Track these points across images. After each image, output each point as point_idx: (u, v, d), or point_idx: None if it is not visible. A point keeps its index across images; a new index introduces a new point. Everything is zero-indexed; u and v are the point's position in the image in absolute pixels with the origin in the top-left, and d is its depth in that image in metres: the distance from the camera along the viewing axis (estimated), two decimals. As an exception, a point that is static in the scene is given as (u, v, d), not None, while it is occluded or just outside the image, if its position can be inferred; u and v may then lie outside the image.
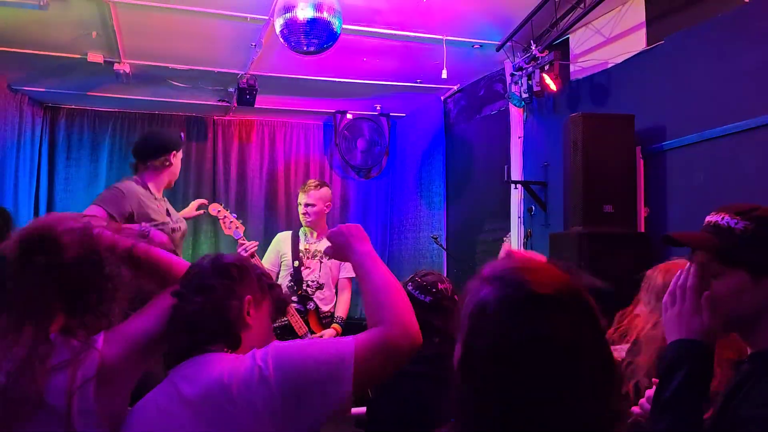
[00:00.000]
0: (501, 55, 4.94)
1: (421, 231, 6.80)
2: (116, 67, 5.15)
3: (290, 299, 3.78)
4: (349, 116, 7.16)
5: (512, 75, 4.76)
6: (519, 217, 5.14)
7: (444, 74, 4.77)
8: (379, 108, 7.11)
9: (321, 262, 3.94)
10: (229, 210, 3.71)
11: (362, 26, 4.47)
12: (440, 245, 6.06)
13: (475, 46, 4.89)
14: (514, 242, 5.18)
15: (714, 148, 3.37)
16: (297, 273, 3.91)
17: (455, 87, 6.12)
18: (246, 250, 3.57)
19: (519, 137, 5.21)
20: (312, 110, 7.07)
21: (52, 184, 6.73)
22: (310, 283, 3.91)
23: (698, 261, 1.28)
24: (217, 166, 7.23)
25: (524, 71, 4.53)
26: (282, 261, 4.03)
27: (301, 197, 3.98)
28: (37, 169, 6.56)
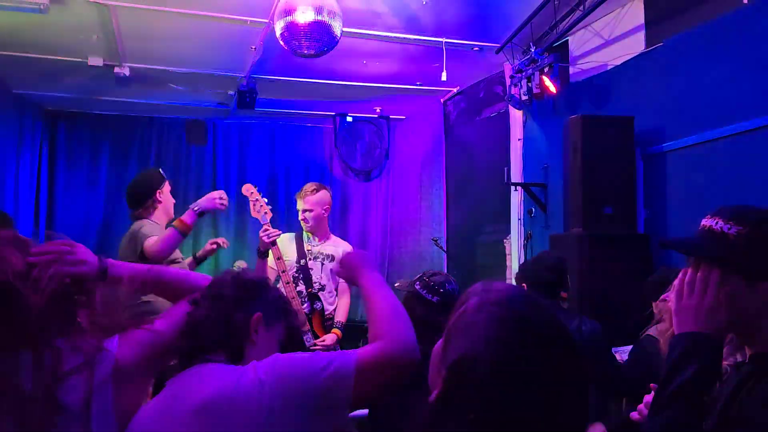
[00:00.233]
0: (500, 58, 4.95)
1: (421, 233, 6.80)
2: (116, 70, 5.16)
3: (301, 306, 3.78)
4: (349, 119, 7.17)
5: (512, 77, 4.77)
6: (519, 219, 5.15)
7: (444, 77, 4.78)
8: (379, 110, 7.12)
9: (322, 264, 3.94)
10: (261, 193, 3.70)
11: (362, 29, 4.48)
12: (440, 247, 6.06)
13: (474, 49, 4.90)
14: (514, 244, 5.19)
15: (713, 149, 3.38)
16: (305, 271, 3.90)
17: (455, 89, 6.13)
18: (269, 236, 3.58)
19: (519, 139, 5.22)
20: (312, 113, 7.08)
21: (53, 188, 6.74)
22: (312, 283, 3.91)
23: (696, 264, 1.27)
24: (217, 169, 7.24)
25: (524, 73, 4.54)
26: (285, 261, 4.02)
27: (299, 203, 3.98)
28: (38, 173, 6.57)
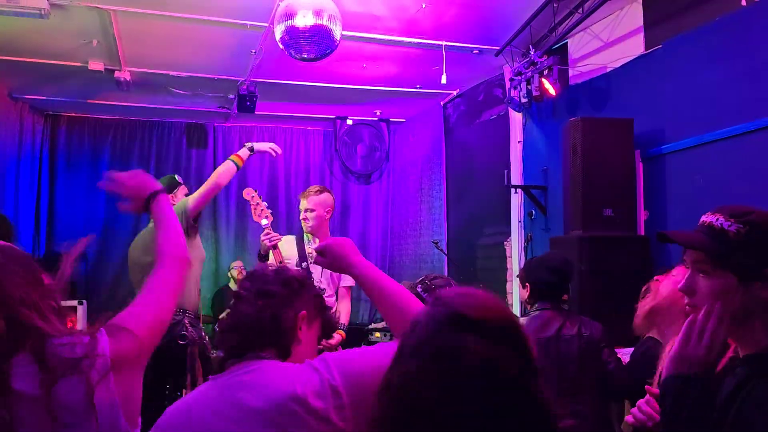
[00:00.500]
0: (500, 60, 4.97)
1: (422, 236, 6.81)
2: (117, 74, 5.18)
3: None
4: (349, 122, 7.19)
5: (511, 80, 4.78)
6: (519, 222, 5.16)
7: (443, 79, 4.79)
8: (379, 113, 7.13)
9: (322, 268, 3.95)
10: (262, 197, 3.72)
11: (362, 32, 4.49)
12: (441, 250, 6.06)
13: (474, 52, 4.91)
14: (514, 246, 5.19)
15: (713, 151, 3.39)
16: (308, 274, 3.91)
17: (455, 92, 6.14)
18: (270, 240, 3.59)
19: (519, 142, 5.23)
20: (312, 116, 7.09)
21: (53, 192, 6.76)
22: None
23: (691, 259, 1.29)
24: (218, 173, 7.24)
25: (523, 76, 4.55)
26: (284, 261, 4.02)
27: (302, 203, 3.98)
28: (38, 177, 6.59)
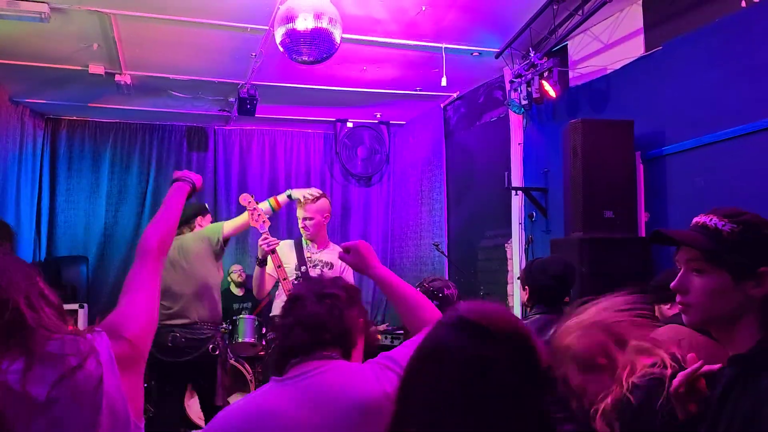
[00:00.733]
0: (500, 63, 4.97)
1: (422, 238, 6.80)
2: (117, 78, 5.18)
3: None
4: (350, 124, 7.19)
5: (511, 82, 4.78)
6: (520, 224, 5.15)
7: (443, 82, 4.79)
8: (379, 116, 7.13)
9: (321, 272, 3.94)
10: (258, 202, 3.73)
11: (362, 35, 4.50)
12: (441, 252, 6.05)
13: (474, 54, 4.91)
14: (515, 248, 5.19)
15: (713, 152, 3.39)
16: (307, 277, 3.90)
17: (455, 94, 6.14)
18: (268, 245, 3.59)
19: (519, 144, 5.23)
20: (312, 119, 7.10)
21: (54, 195, 6.76)
22: None
23: (685, 258, 1.30)
24: (218, 176, 7.25)
25: (523, 78, 4.55)
26: (282, 266, 4.00)
27: (299, 212, 3.98)
28: (39, 181, 6.60)
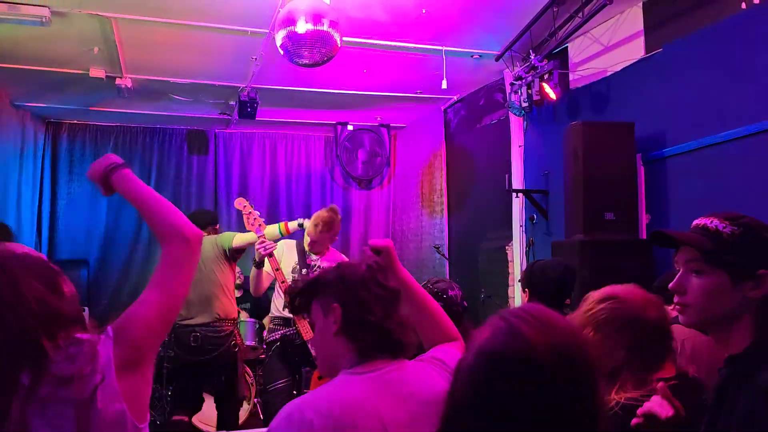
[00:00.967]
0: (500, 65, 4.97)
1: (423, 240, 6.80)
2: (118, 82, 5.19)
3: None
4: (350, 127, 7.19)
5: (512, 84, 4.78)
6: (521, 226, 5.15)
7: (444, 84, 4.79)
8: (379, 119, 7.14)
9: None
10: (254, 206, 3.72)
11: (362, 38, 4.50)
12: (442, 255, 6.06)
13: (474, 57, 4.92)
14: (516, 251, 5.19)
15: (714, 154, 3.39)
16: None
17: (455, 97, 6.15)
18: (265, 249, 3.58)
19: (519, 146, 5.23)
20: (313, 122, 7.10)
21: (55, 199, 6.77)
22: None
23: (684, 258, 1.31)
24: (219, 179, 7.26)
25: (524, 80, 4.55)
26: (278, 269, 3.95)
27: (310, 237, 3.83)
28: (40, 184, 6.60)
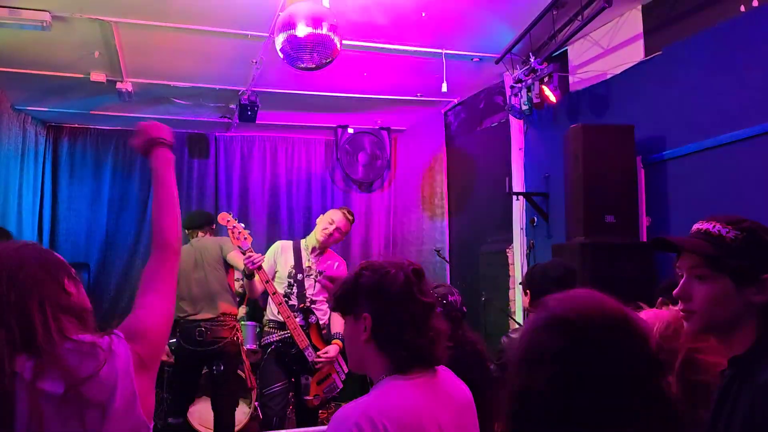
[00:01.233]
0: (500, 68, 4.98)
1: (424, 243, 6.80)
2: (119, 86, 5.19)
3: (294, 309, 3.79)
4: (351, 130, 7.19)
5: (512, 87, 4.78)
6: (521, 229, 5.15)
7: (444, 87, 4.79)
8: (380, 122, 7.14)
9: (315, 280, 3.93)
10: (237, 220, 3.68)
11: (362, 41, 4.51)
12: (443, 258, 6.05)
13: (474, 60, 4.92)
14: (516, 253, 5.18)
15: (714, 156, 3.38)
16: (301, 287, 3.88)
17: (455, 100, 6.15)
18: (253, 263, 3.54)
19: (520, 149, 5.23)
20: (313, 125, 7.10)
21: (56, 203, 6.77)
22: (305, 298, 3.88)
23: (687, 265, 1.32)
24: (219, 182, 7.26)
25: (524, 83, 4.55)
26: (277, 271, 3.96)
27: (335, 224, 3.92)
28: (41, 188, 6.60)
